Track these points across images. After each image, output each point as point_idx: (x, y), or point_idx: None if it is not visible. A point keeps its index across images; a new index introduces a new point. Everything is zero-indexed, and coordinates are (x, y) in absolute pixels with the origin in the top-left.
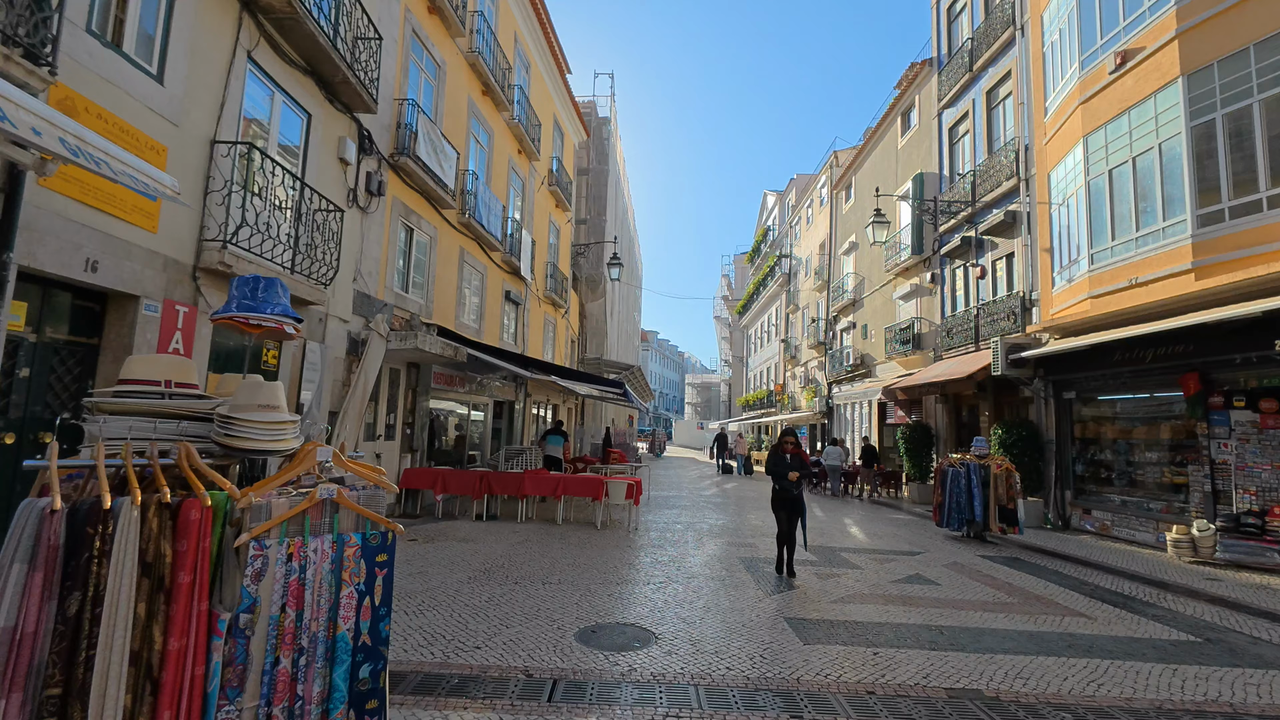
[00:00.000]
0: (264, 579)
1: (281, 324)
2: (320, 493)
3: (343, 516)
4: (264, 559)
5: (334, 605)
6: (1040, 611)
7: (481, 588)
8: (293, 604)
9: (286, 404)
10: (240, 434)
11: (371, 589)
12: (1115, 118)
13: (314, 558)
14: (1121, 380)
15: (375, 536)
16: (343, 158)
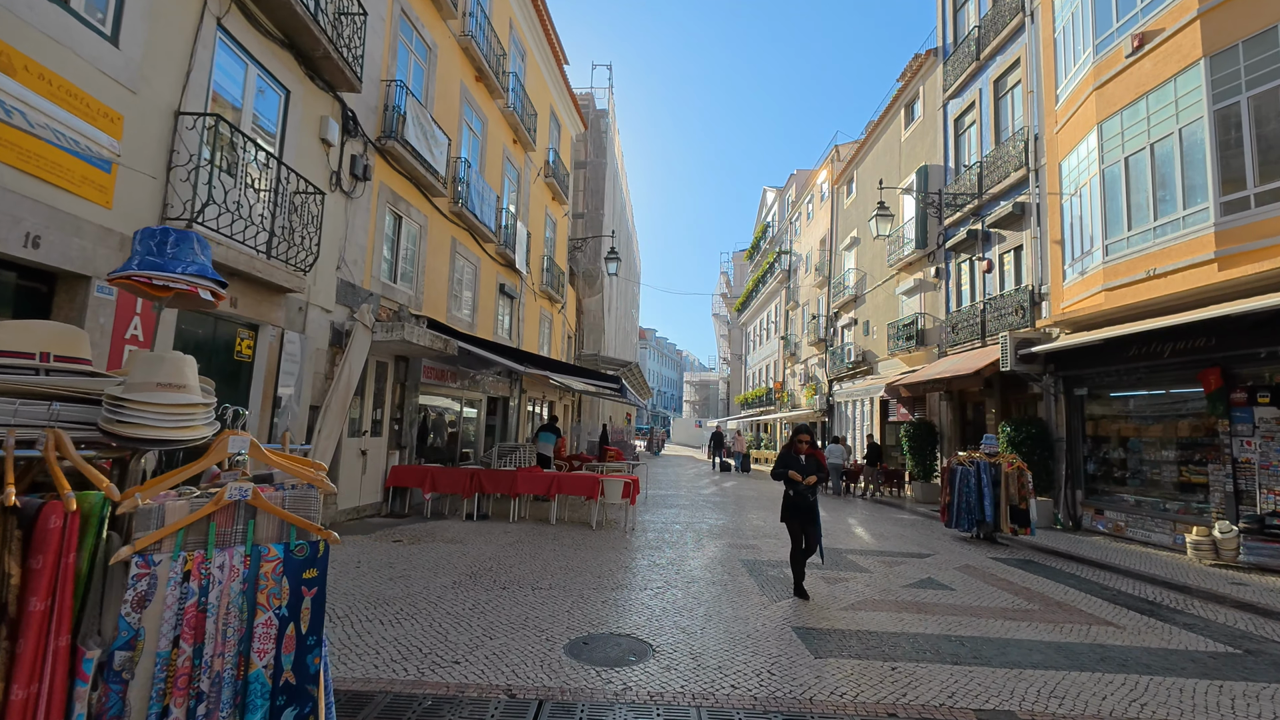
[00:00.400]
0: (150, 605)
1: (195, 286)
2: (230, 493)
3: (261, 523)
4: (151, 579)
5: (246, 636)
6: (1064, 619)
7: (466, 593)
8: (189, 636)
9: (197, 382)
10: (131, 419)
11: (297, 614)
12: (1132, 103)
13: (220, 576)
14: (1137, 376)
15: (302, 548)
16: (325, 138)
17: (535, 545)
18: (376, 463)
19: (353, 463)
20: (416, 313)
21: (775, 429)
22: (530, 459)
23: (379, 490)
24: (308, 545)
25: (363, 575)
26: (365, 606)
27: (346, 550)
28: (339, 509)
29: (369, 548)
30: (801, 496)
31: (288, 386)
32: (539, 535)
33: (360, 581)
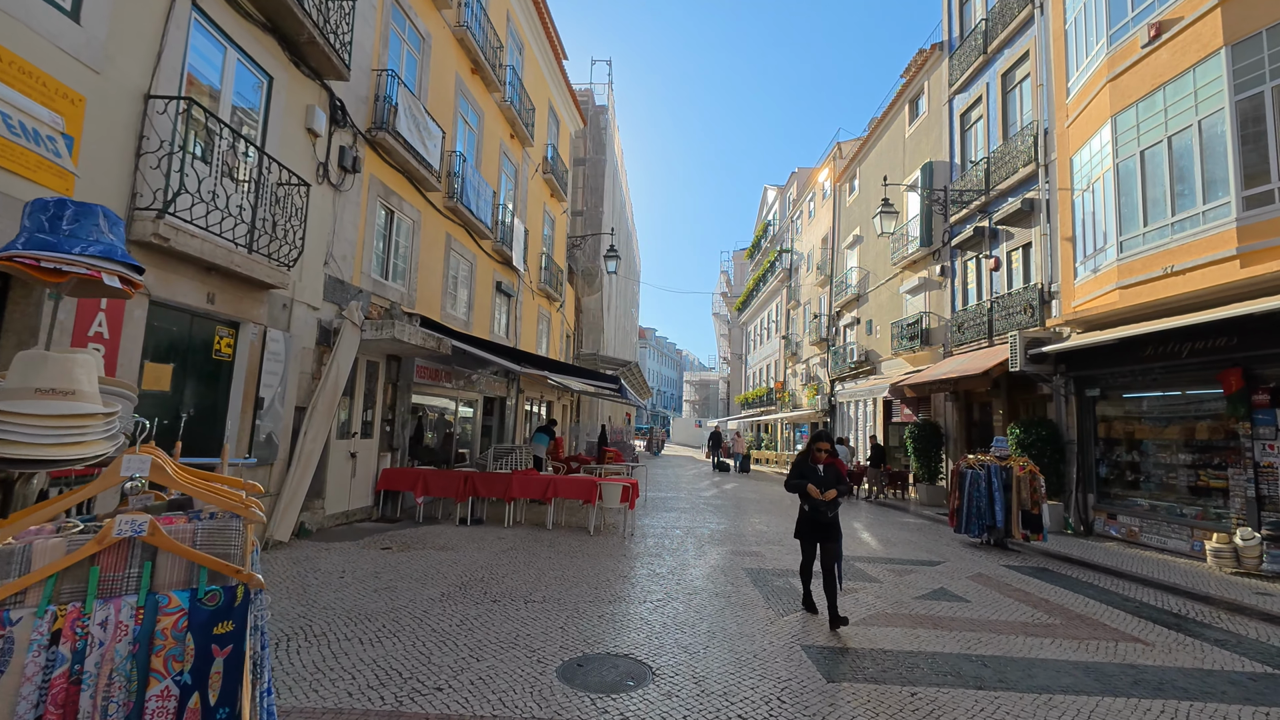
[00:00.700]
0: (2, 678)
1: (97, 270)
2: (119, 528)
3: (162, 565)
4: (5, 643)
5: (134, 714)
6: (1089, 635)
7: (454, 607)
8: (55, 715)
9: (93, 386)
10: (3, 434)
11: (204, 680)
12: (1148, 95)
13: (101, 636)
14: (1152, 376)
15: (215, 595)
16: (311, 128)
17: (530, 552)
18: (367, 465)
19: (341, 465)
20: (409, 311)
21: (776, 429)
22: (526, 460)
23: (369, 494)
24: (222, 592)
25: (346, 587)
26: (345, 623)
27: (331, 558)
28: (327, 514)
29: (355, 556)
30: (820, 513)
31: (271, 387)
32: (534, 541)
33: (343, 594)
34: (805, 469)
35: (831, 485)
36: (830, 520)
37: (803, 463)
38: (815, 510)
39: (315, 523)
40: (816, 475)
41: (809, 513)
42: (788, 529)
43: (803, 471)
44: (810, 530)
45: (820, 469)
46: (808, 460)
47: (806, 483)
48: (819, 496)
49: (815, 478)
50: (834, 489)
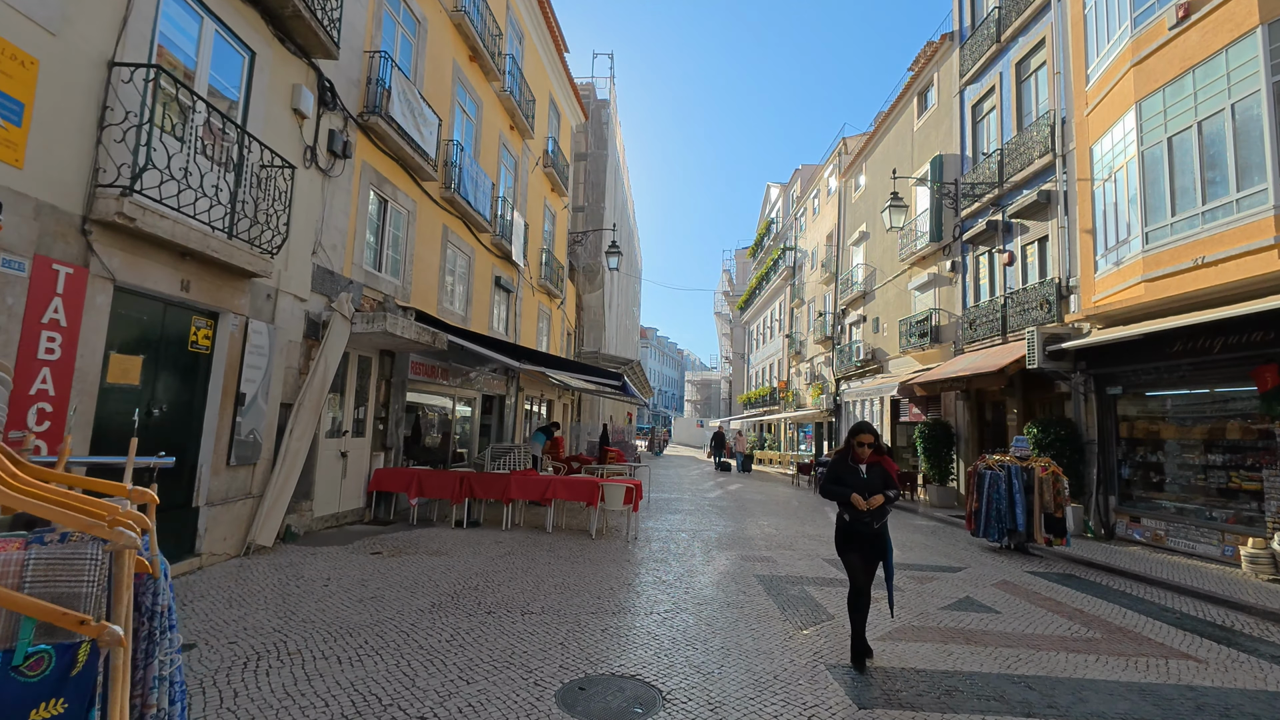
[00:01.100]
0: None
1: None
2: None
3: None
4: None
5: None
6: (1134, 651)
7: (445, 619)
8: None
9: None
10: None
11: None
12: (1176, 79)
13: None
14: (1179, 374)
15: (42, 659)
16: (297, 109)
17: (528, 557)
18: (359, 465)
19: (331, 465)
20: (404, 304)
21: (780, 429)
22: (525, 460)
23: (361, 495)
24: (53, 655)
25: (329, 597)
26: (324, 638)
27: (317, 564)
28: (315, 516)
29: (343, 561)
30: (863, 522)
31: (253, 382)
32: (533, 545)
33: (325, 605)
34: (844, 470)
35: (877, 488)
36: (877, 532)
37: (841, 463)
38: (858, 521)
39: (302, 526)
40: (858, 478)
41: (849, 524)
42: (798, 532)
43: (840, 474)
44: (853, 543)
45: (863, 469)
46: (847, 459)
47: (849, 493)
48: (864, 506)
49: (856, 481)
50: (881, 495)
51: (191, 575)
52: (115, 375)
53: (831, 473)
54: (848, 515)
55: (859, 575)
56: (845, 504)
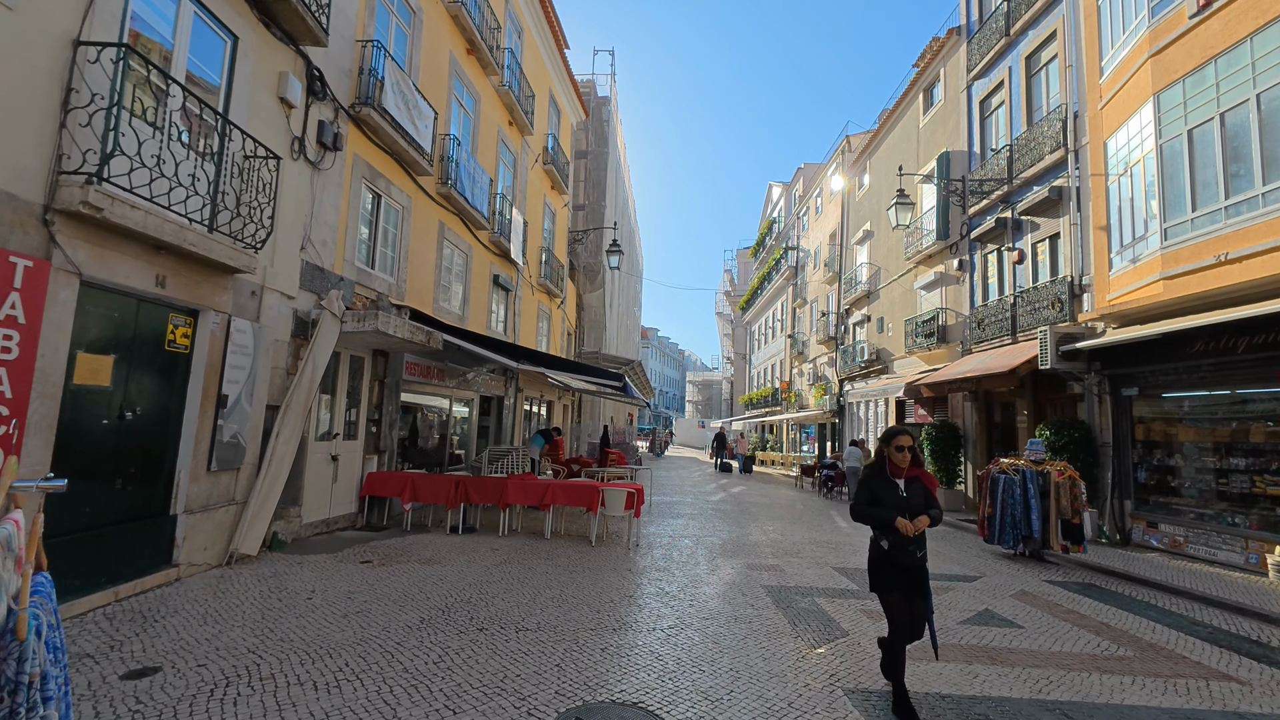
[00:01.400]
0: None
1: None
2: None
3: None
4: None
5: None
6: (1171, 671)
7: (434, 637)
8: None
9: None
10: None
11: None
12: (1197, 69)
13: None
14: (1199, 374)
15: None
16: (284, 98)
17: (525, 566)
18: (350, 469)
19: (321, 469)
20: (398, 303)
21: (782, 430)
22: (524, 463)
23: (353, 500)
24: None
25: (312, 611)
26: (303, 659)
27: (302, 575)
28: (304, 522)
29: (330, 571)
30: (906, 550)
31: (236, 383)
32: (530, 552)
33: (306, 620)
34: (880, 486)
35: (920, 509)
36: (919, 562)
37: (876, 476)
38: (899, 550)
39: (290, 533)
40: (897, 496)
41: (888, 552)
42: (804, 537)
43: (877, 490)
44: (893, 576)
45: (901, 485)
46: (883, 472)
47: (893, 516)
48: (912, 531)
49: (896, 500)
50: (926, 517)
51: (167, 588)
52: (83, 376)
53: (865, 490)
54: (886, 542)
55: (902, 615)
56: (886, 529)
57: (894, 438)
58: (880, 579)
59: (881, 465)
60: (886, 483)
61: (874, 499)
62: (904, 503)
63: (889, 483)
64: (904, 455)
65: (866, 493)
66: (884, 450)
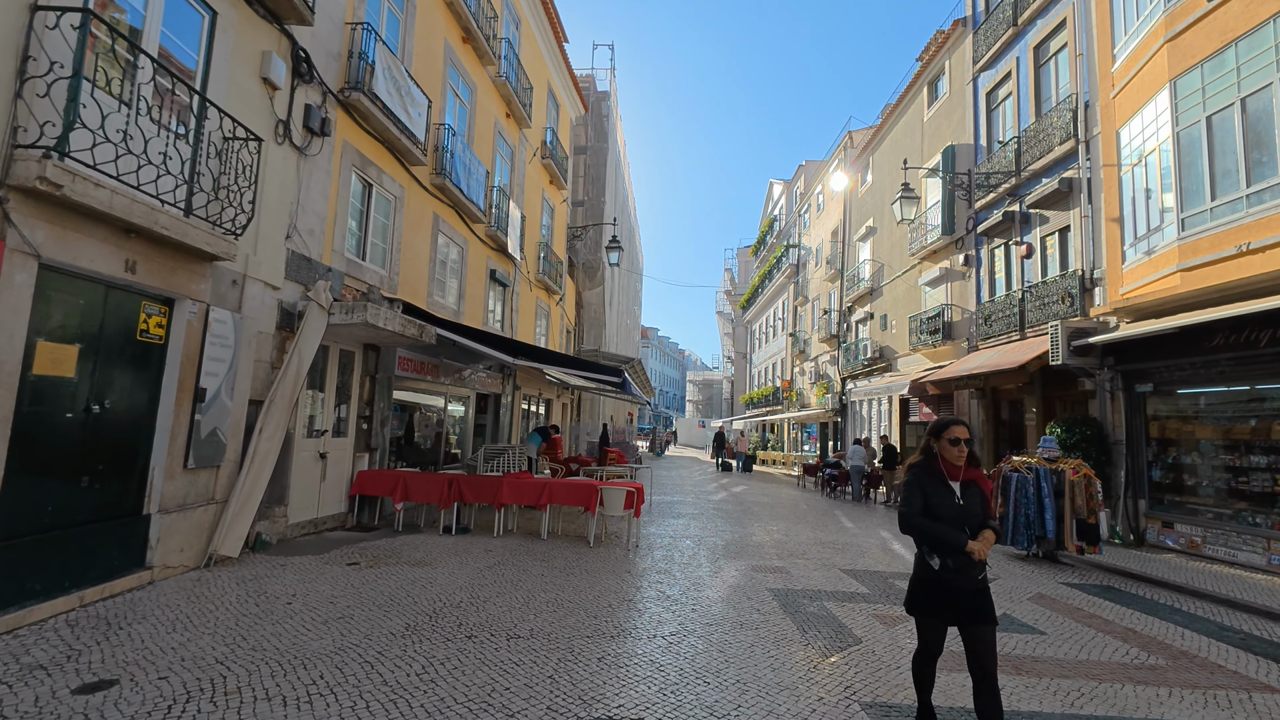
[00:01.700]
0: None
1: None
2: None
3: None
4: None
5: None
6: (1208, 682)
7: (419, 645)
8: None
9: None
10: None
11: None
12: (1216, 53)
13: None
14: (1218, 369)
15: None
16: (267, 78)
17: (519, 568)
18: (340, 467)
19: (309, 468)
20: (390, 296)
21: (783, 429)
22: (521, 462)
23: (342, 499)
24: None
25: (291, 617)
26: (274, 671)
27: (285, 578)
28: (290, 522)
29: (315, 573)
30: (962, 573)
31: (215, 376)
32: (526, 554)
33: (283, 627)
34: (932, 490)
35: (978, 520)
36: (979, 587)
37: (925, 477)
38: (956, 572)
39: (275, 533)
40: (952, 503)
41: (941, 571)
42: (809, 538)
43: (930, 495)
44: (937, 600)
45: (957, 489)
46: (934, 471)
47: (962, 540)
48: (982, 554)
49: (951, 508)
50: (992, 532)
51: (139, 591)
52: (44, 366)
53: (915, 494)
54: (937, 561)
55: (933, 638)
56: (941, 546)
57: (947, 429)
58: (921, 600)
59: (931, 463)
60: (940, 486)
61: (928, 508)
62: (962, 512)
63: (943, 486)
64: (960, 451)
65: (918, 497)
66: (932, 445)
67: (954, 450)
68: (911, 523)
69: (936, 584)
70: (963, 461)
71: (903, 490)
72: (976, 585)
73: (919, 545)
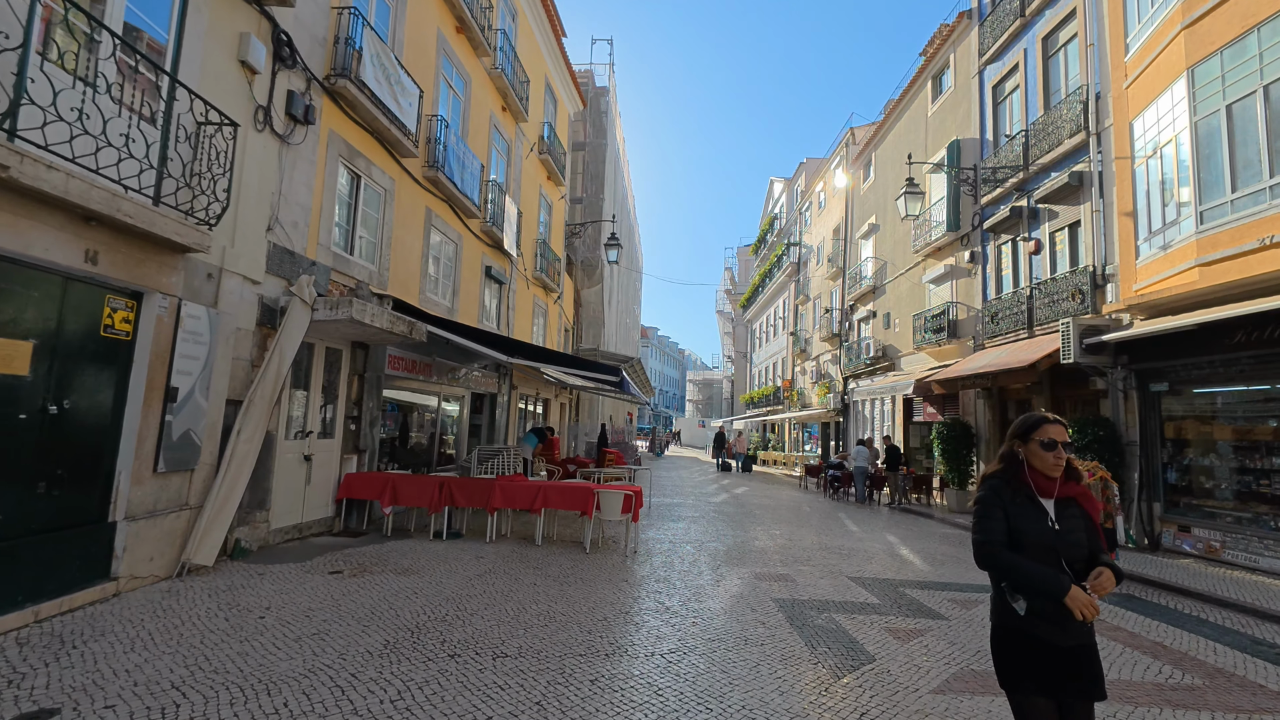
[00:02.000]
0: None
1: None
2: None
3: None
4: None
5: None
6: (1251, 704)
7: (397, 666)
8: None
9: None
10: None
11: None
12: (1237, 39)
13: None
14: (1238, 367)
15: None
16: (245, 61)
17: (511, 577)
18: (326, 470)
19: (293, 470)
20: (380, 291)
21: (784, 429)
22: (516, 463)
23: (329, 503)
24: None
25: (262, 633)
26: (233, 697)
27: (261, 588)
28: (272, 528)
29: (293, 583)
30: (1066, 627)
31: (188, 374)
32: (519, 560)
33: (251, 645)
34: (1018, 510)
35: (1083, 551)
36: (1086, 642)
37: (1007, 494)
38: (1052, 620)
39: (256, 539)
40: (1046, 528)
41: (1030, 621)
42: (814, 542)
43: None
44: (1038, 667)
45: (1050, 511)
46: (1018, 486)
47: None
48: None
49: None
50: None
51: (101, 605)
52: None
53: (993, 514)
54: (1024, 605)
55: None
56: (1031, 591)
57: (1038, 428)
58: (1014, 668)
59: (1014, 475)
60: (1028, 507)
61: (1015, 538)
62: (1059, 542)
63: (1032, 506)
64: (1057, 459)
65: (999, 522)
66: (1017, 451)
67: (1048, 457)
68: (993, 558)
69: (1026, 636)
70: (1060, 473)
71: (977, 511)
72: (1080, 639)
73: (994, 581)
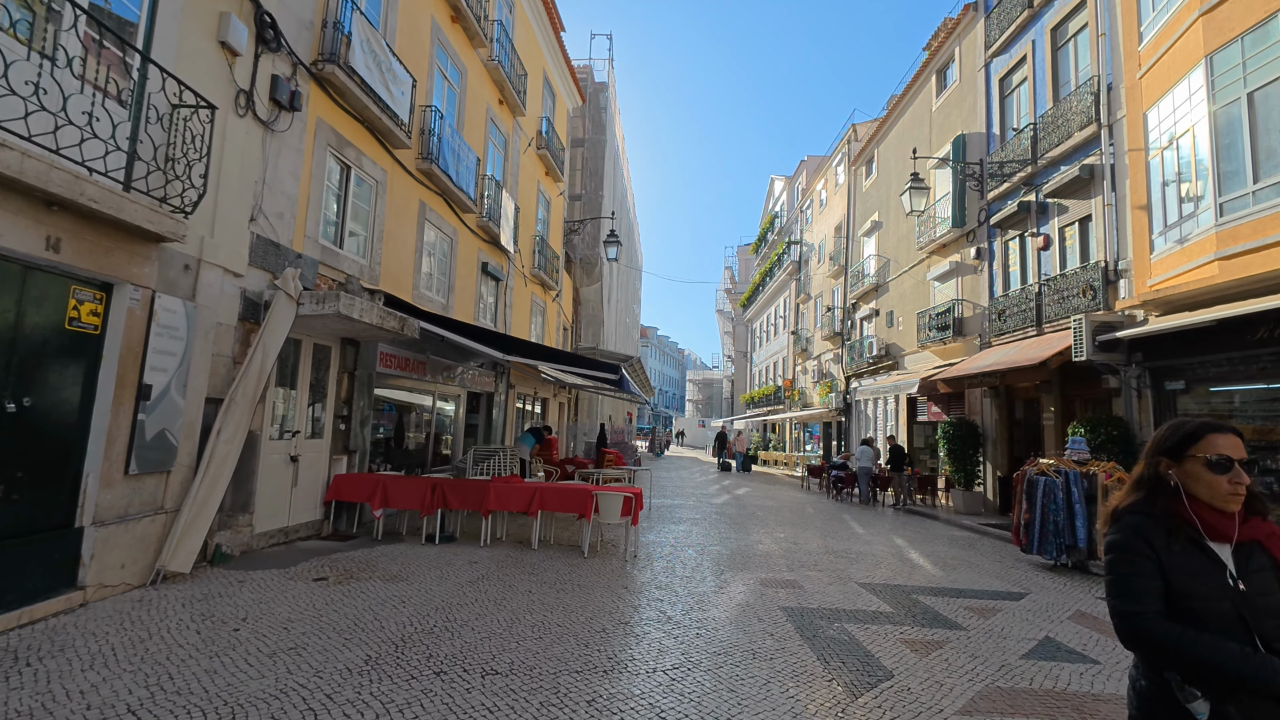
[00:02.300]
0: None
1: None
2: None
3: None
4: None
5: None
6: None
7: (377, 686)
8: None
9: None
10: None
11: None
12: (1259, 24)
13: None
14: (1259, 364)
15: None
16: (225, 42)
17: (505, 584)
18: (315, 471)
19: (279, 472)
20: (370, 286)
21: (785, 429)
22: (513, 464)
23: (317, 506)
24: None
25: (234, 647)
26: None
27: (239, 598)
28: (256, 532)
29: (274, 591)
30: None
31: (163, 371)
32: (513, 566)
33: (221, 661)
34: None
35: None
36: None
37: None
38: None
39: (238, 544)
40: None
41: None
42: (820, 546)
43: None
44: None
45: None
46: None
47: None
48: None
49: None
50: None
51: (65, 616)
52: None
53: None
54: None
55: None
56: (1221, 681)
57: (1200, 440)
58: None
59: (1167, 508)
60: (1192, 554)
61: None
62: (1246, 606)
63: (1198, 554)
64: (1235, 486)
65: (1150, 575)
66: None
67: (1220, 483)
68: (1151, 635)
69: None
70: (1239, 505)
71: (1115, 564)
72: None
73: (1148, 668)
